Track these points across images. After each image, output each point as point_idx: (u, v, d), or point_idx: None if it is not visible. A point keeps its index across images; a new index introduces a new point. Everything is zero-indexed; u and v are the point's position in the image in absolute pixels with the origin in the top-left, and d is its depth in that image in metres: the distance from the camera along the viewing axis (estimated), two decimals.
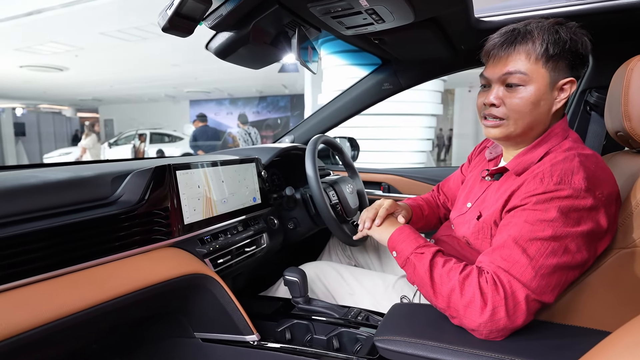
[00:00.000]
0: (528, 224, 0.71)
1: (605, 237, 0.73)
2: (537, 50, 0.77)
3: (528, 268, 0.69)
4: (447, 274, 0.75)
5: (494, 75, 0.81)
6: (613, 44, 1.31)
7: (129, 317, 0.83)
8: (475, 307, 0.69)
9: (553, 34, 0.76)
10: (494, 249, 0.74)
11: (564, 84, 0.79)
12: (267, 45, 0.99)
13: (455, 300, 0.72)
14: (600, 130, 1.35)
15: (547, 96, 0.79)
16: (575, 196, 0.69)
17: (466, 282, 0.72)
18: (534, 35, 0.77)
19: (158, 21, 0.75)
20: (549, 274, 0.69)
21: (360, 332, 0.92)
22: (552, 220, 0.69)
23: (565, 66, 0.78)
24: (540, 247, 0.69)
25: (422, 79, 1.60)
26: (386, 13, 0.91)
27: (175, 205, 0.91)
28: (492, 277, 0.70)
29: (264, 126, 13.05)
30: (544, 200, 0.71)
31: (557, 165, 0.74)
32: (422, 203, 1.24)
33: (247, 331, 0.91)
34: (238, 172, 1.14)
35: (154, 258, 0.83)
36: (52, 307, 0.62)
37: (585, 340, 0.68)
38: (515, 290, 0.68)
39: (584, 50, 0.78)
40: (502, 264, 0.71)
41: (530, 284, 0.68)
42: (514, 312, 0.68)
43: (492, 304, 0.68)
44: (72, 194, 0.76)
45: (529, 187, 0.75)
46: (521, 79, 0.78)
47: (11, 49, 7.27)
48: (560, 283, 0.71)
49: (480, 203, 0.91)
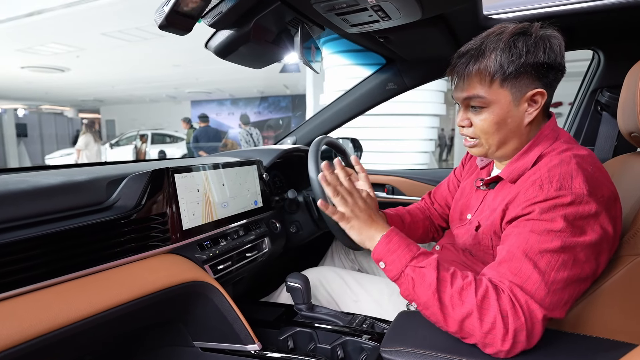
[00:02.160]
0: (535, 234, 0.67)
1: (613, 243, 0.71)
2: (491, 72, 0.73)
3: (541, 285, 0.65)
4: (460, 295, 0.66)
5: (458, 98, 0.81)
6: (625, 42, 1.28)
7: (124, 327, 0.80)
8: (498, 334, 0.63)
9: (506, 51, 0.72)
10: (501, 261, 0.69)
11: (532, 95, 0.75)
12: (269, 44, 0.96)
13: (472, 326, 0.64)
14: (612, 131, 1.31)
15: (513, 113, 0.76)
16: (579, 202, 0.66)
17: (484, 304, 0.64)
18: (485, 56, 0.74)
19: (155, 18, 0.71)
20: (561, 289, 0.65)
21: (366, 341, 0.88)
22: (560, 230, 0.66)
23: (528, 79, 0.74)
24: (551, 260, 0.65)
25: (427, 78, 1.57)
26: (393, 10, 0.88)
27: (174, 209, 0.88)
28: (509, 297, 0.65)
29: (266, 127, 13.05)
30: (547, 209, 0.67)
31: (554, 169, 0.70)
32: (403, 212, 1.16)
33: (248, 340, 0.88)
34: (239, 175, 1.11)
35: (151, 265, 0.80)
36: (42, 319, 0.59)
37: (605, 350, 0.65)
38: (533, 311, 0.64)
39: (548, 57, 0.72)
40: (514, 279, 0.66)
41: (544, 302, 0.64)
42: (532, 334, 0.64)
43: (514, 329, 0.63)
44: (65, 199, 0.73)
45: (529, 194, 0.71)
46: (481, 102, 0.76)
47: (13, 49, 7.28)
48: (572, 297, 0.68)
49: (479, 214, 0.89)
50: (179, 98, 14.47)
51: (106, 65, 8.73)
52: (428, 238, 1.19)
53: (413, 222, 1.14)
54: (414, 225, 1.14)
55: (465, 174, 1.06)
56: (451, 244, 1.01)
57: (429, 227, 1.18)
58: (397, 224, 1.08)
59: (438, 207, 1.20)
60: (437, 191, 1.21)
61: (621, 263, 0.71)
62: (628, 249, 0.71)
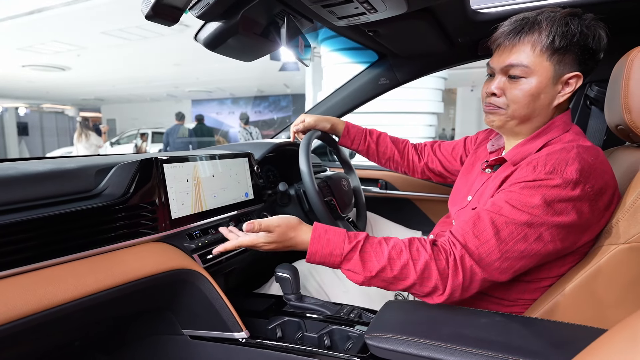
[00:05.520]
0: (508, 205, 0.71)
1: (587, 230, 0.72)
2: (543, 42, 0.74)
3: (495, 250, 0.70)
4: (401, 272, 0.72)
5: (498, 65, 0.81)
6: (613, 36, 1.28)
7: (112, 312, 0.81)
8: (437, 292, 0.72)
9: (562, 26, 0.74)
10: (468, 220, 0.74)
11: (569, 78, 0.77)
12: (257, 37, 0.97)
13: (415, 290, 0.73)
14: (600, 125, 1.32)
15: (549, 89, 0.77)
16: (564, 187, 0.68)
17: (425, 274, 0.71)
18: (541, 26, 0.75)
19: (141, 8, 0.72)
20: (514, 259, 0.70)
21: (352, 329, 0.89)
22: (533, 206, 0.69)
23: (572, 60, 0.76)
24: (514, 231, 0.69)
25: (419, 73, 1.58)
26: (378, 2, 0.89)
27: (163, 199, 0.89)
28: (455, 260, 0.71)
29: (266, 125, 13.06)
30: (531, 187, 0.70)
31: (552, 154, 0.72)
32: (377, 132, 1.29)
33: (236, 328, 0.89)
34: (230, 167, 1.12)
35: (139, 252, 0.81)
36: (28, 300, 0.60)
37: (584, 337, 0.66)
38: (475, 274, 0.71)
39: (595, 45, 0.75)
40: (471, 241, 0.71)
41: (491, 266, 0.70)
42: (468, 291, 0.72)
43: (452, 288, 0.71)
44: (53, 185, 0.74)
45: (521, 173, 0.74)
46: (523, 71, 0.77)
47: (14, 48, 7.30)
48: (523, 268, 0.72)
49: (480, 196, 0.90)
50: (180, 97, 14.49)
51: (107, 64, 8.75)
52: (402, 166, 1.31)
53: (387, 148, 1.28)
54: (387, 149, 1.28)
55: (473, 157, 1.07)
56: (445, 232, 1.02)
57: (412, 159, 1.29)
58: (350, 132, 1.25)
59: (441, 155, 1.26)
60: (443, 144, 1.28)
61: (603, 252, 0.72)
62: (610, 238, 0.72)
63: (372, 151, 1.28)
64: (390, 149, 1.28)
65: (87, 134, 6.57)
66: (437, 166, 1.26)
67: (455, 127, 12.11)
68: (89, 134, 6.62)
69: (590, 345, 0.37)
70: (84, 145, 6.48)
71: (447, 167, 1.25)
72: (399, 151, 1.29)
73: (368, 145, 1.27)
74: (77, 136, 6.56)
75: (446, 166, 1.25)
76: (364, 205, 1.45)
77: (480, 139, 1.11)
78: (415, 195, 1.84)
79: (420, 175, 1.31)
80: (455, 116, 11.96)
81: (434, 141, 1.31)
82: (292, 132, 1.25)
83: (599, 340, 0.36)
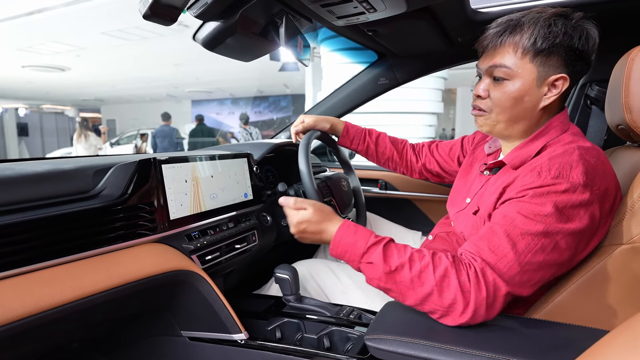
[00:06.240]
0: (521, 216, 0.69)
1: (596, 233, 0.71)
2: (524, 44, 0.74)
3: (514, 264, 0.67)
4: (419, 277, 0.69)
5: (483, 66, 0.80)
6: (614, 36, 1.27)
7: (110, 314, 0.81)
8: (458, 308, 0.67)
9: (544, 28, 0.73)
10: (482, 236, 0.71)
11: (555, 80, 0.75)
12: (256, 36, 0.96)
13: (433, 303, 0.69)
14: (601, 125, 1.31)
15: (534, 92, 0.76)
16: (572, 191, 0.67)
17: (444, 283, 0.68)
18: (523, 28, 0.74)
19: (139, 8, 0.72)
20: (534, 270, 0.68)
21: (352, 331, 0.89)
22: (546, 215, 0.67)
23: (557, 62, 0.74)
24: (530, 243, 0.67)
25: (419, 73, 1.57)
26: (377, 1, 0.88)
27: (161, 199, 0.88)
28: (476, 273, 0.67)
29: (265, 126, 13.07)
30: (540, 194, 0.69)
31: (555, 158, 0.71)
32: (376, 132, 1.29)
33: (235, 330, 0.88)
34: (228, 167, 1.12)
35: (137, 254, 0.80)
36: (25, 302, 0.60)
37: (585, 339, 0.65)
38: (498, 288, 0.67)
39: (581, 45, 0.73)
40: (489, 257, 0.68)
41: (513, 280, 0.67)
42: (492, 307, 0.68)
43: (475, 304, 0.66)
44: (51, 186, 0.74)
45: (526, 180, 0.72)
46: (506, 73, 0.76)
47: (13, 48, 7.30)
48: (543, 279, 0.70)
49: (479, 198, 0.89)
50: (180, 97, 14.49)
51: (106, 65, 8.75)
52: (401, 166, 1.31)
53: (386, 149, 1.28)
54: (386, 149, 1.28)
55: (470, 159, 1.06)
56: (445, 232, 1.01)
57: (410, 160, 1.29)
58: (350, 132, 1.25)
59: (438, 156, 1.25)
60: (439, 144, 1.28)
61: (604, 252, 0.72)
62: (611, 238, 0.72)
63: (371, 151, 1.28)
64: (389, 149, 1.28)
65: (87, 134, 6.56)
66: (435, 167, 1.26)
67: (455, 127, 12.11)
68: (89, 134, 6.60)
69: (592, 347, 0.37)
70: (83, 145, 6.46)
71: (445, 167, 1.24)
72: (397, 151, 1.28)
73: (367, 145, 1.27)
74: (76, 137, 6.54)
75: (443, 167, 1.25)
76: (363, 206, 1.44)
77: (478, 139, 1.11)
78: (415, 195, 1.83)
79: (418, 175, 1.30)
80: (455, 116, 11.97)
81: (432, 141, 1.31)
82: (293, 133, 1.25)
83: (601, 341, 0.36)
